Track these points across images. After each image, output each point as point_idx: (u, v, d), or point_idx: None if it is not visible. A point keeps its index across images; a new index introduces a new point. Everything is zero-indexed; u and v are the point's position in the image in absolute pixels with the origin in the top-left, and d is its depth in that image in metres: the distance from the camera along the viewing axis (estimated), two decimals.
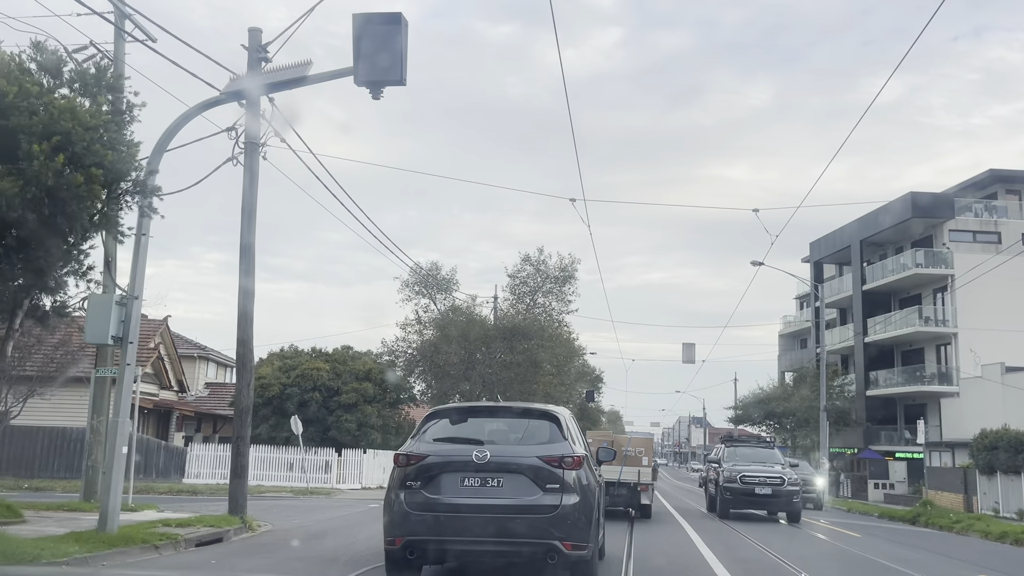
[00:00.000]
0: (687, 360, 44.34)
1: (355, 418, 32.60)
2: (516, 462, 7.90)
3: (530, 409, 8.89)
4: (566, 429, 8.46)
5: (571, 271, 37.80)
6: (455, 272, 38.97)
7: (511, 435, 8.45)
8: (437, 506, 7.74)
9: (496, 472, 7.81)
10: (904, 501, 38.37)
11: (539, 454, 7.94)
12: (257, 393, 32.61)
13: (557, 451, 7.99)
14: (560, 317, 38.51)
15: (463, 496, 7.76)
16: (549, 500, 7.72)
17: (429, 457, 7.97)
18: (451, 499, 7.75)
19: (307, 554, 11.38)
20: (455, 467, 7.90)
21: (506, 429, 8.57)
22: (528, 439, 8.28)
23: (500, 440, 8.32)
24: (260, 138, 15.02)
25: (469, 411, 9.11)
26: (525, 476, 7.81)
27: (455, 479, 7.85)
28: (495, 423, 8.70)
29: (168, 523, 13.04)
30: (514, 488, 7.77)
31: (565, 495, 7.75)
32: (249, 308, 14.82)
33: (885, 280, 47.72)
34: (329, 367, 33.61)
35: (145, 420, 33.35)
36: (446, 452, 8.05)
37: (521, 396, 40.63)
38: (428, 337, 38.85)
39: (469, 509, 7.70)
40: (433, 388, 38.56)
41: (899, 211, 46.02)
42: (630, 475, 19.50)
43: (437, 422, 8.63)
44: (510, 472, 7.83)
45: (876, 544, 17.27)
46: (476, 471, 7.81)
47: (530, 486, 7.78)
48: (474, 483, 7.80)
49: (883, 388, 47.93)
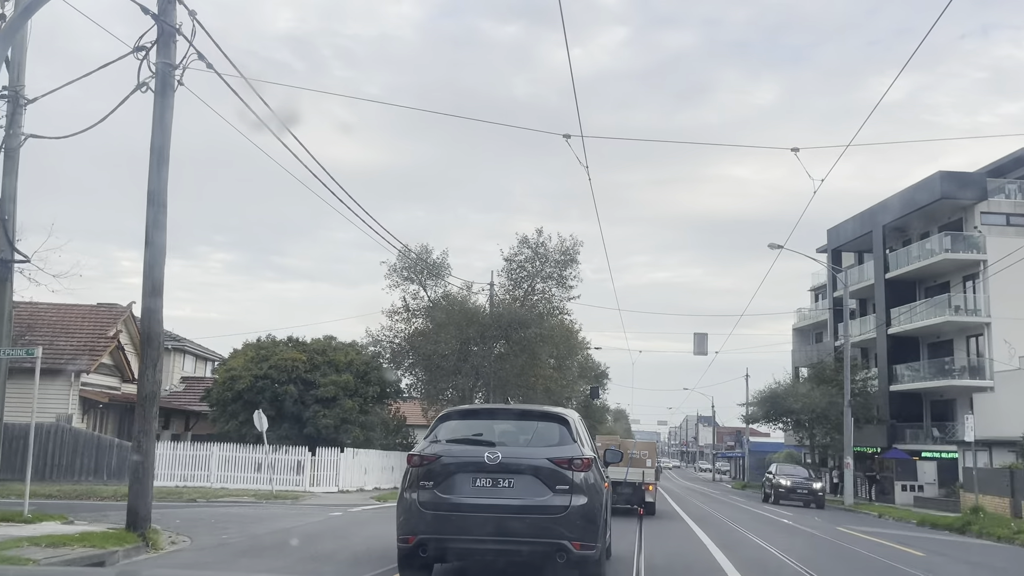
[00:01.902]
0: (699, 352, 41.17)
1: (334, 413, 29.57)
2: (526, 463, 8.02)
3: (540, 411, 9.03)
4: (575, 431, 8.51)
5: (573, 254, 34.71)
6: (446, 255, 35.99)
7: (521, 437, 8.54)
8: (449, 506, 7.86)
9: (507, 473, 7.94)
10: (936, 505, 35.19)
11: (549, 456, 8.05)
12: (226, 386, 29.69)
13: (566, 453, 8.10)
14: (561, 304, 35.41)
15: (475, 496, 7.89)
16: (558, 501, 7.84)
17: (442, 458, 8.09)
18: (463, 499, 7.88)
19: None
20: (467, 468, 8.01)
21: (516, 431, 8.67)
22: (538, 441, 8.36)
23: (511, 441, 8.39)
24: (178, 62, 12.06)
25: (480, 413, 9.25)
26: (535, 477, 7.94)
27: (467, 479, 7.98)
28: (505, 425, 8.84)
29: (38, 541, 10.03)
30: (524, 489, 7.90)
31: (574, 496, 7.87)
32: (158, 268, 11.84)
33: (910, 267, 44.55)
34: (306, 358, 30.57)
35: (102, 416, 30.44)
36: (458, 453, 8.16)
37: (518, 391, 37.63)
38: (417, 326, 35.88)
39: (480, 509, 7.82)
40: (422, 381, 35.63)
41: (927, 192, 42.81)
42: (635, 475, 21.21)
43: (449, 423, 8.68)
44: (520, 473, 7.96)
45: (959, 571, 14.16)
46: (487, 472, 7.94)
47: (540, 487, 7.90)
48: (485, 483, 7.94)
49: (908, 383, 44.76)
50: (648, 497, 21.35)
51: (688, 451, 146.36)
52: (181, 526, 14.16)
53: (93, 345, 29.42)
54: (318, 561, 10.41)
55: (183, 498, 22.10)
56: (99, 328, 30.45)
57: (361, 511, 19.64)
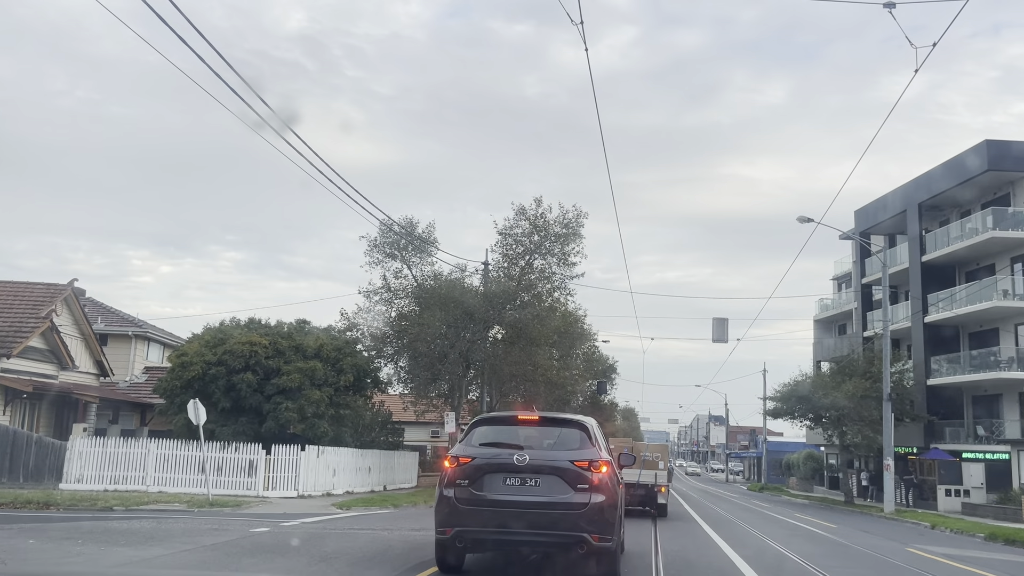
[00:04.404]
0: (718, 339, 36.94)
1: (298, 406, 25.56)
2: (551, 465, 8.69)
3: (563, 418, 9.81)
4: (594, 437, 9.22)
5: (576, 227, 30.50)
6: (433, 228, 31.84)
7: (545, 441, 9.22)
8: (483, 502, 8.57)
9: (534, 473, 8.62)
10: (990, 513, 31.00)
11: (571, 458, 8.73)
12: (175, 374, 25.78)
13: (586, 456, 8.79)
14: (562, 283, 31.26)
15: (505, 493, 8.58)
16: (579, 498, 8.49)
17: (476, 459, 8.80)
18: (495, 496, 8.58)
19: None
20: (498, 468, 8.71)
21: (541, 436, 9.33)
22: (560, 445, 9.04)
23: (536, 445, 9.06)
24: None
25: (509, 419, 9.92)
26: (559, 477, 8.62)
27: (498, 479, 8.67)
28: (531, 430, 9.40)
29: None
30: (549, 487, 8.57)
31: (593, 494, 8.52)
32: None
33: (950, 248, 40.31)
34: (268, 342, 26.58)
35: (30, 408, 26.51)
36: (490, 455, 8.84)
37: (516, 382, 33.60)
38: (402, 309, 31.86)
39: (510, 505, 8.51)
40: (405, 369, 31.59)
41: (971, 164, 38.48)
42: (648, 477, 21.48)
43: (482, 428, 9.52)
44: (546, 473, 8.64)
45: None
46: (517, 472, 8.63)
47: (563, 486, 8.58)
48: (515, 482, 8.63)
49: (946, 376, 40.49)
50: (660, 499, 21.72)
51: (699, 451, 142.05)
52: (30, 549, 10.35)
53: (20, 326, 25.50)
54: None
55: (96, 506, 18.14)
56: (31, 307, 26.53)
57: (302, 524, 15.57)
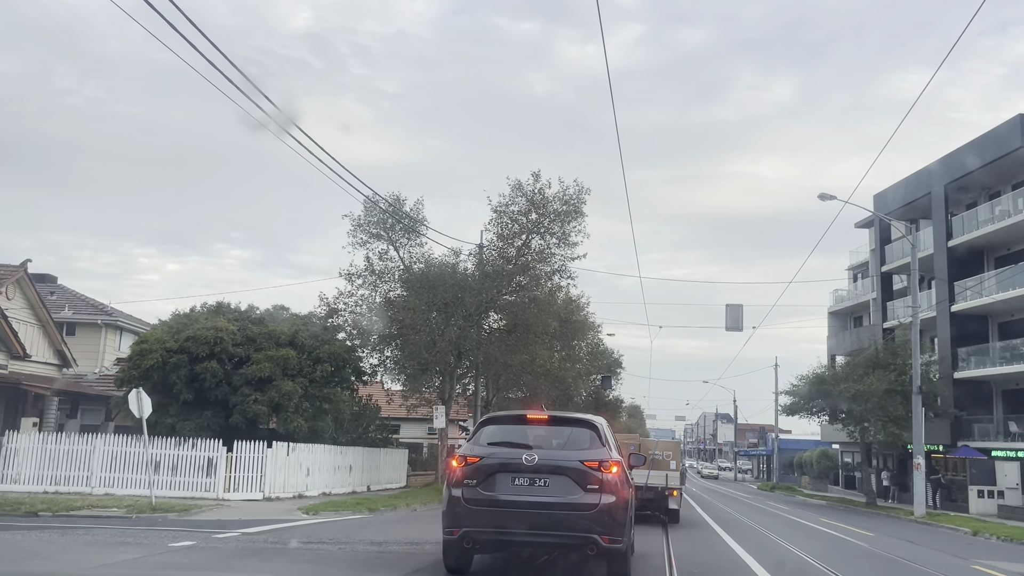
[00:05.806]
0: (732, 327, 34.35)
1: (268, 398, 23.06)
2: (561, 465, 8.47)
3: (573, 418, 9.54)
4: (604, 437, 8.98)
5: (577, 204, 27.87)
6: (421, 205, 29.19)
7: (555, 440, 9.02)
8: (491, 502, 8.34)
9: (543, 473, 8.39)
10: None
11: (581, 458, 8.51)
12: (132, 363, 23.28)
13: (596, 456, 8.56)
14: (563, 265, 28.64)
15: (514, 494, 8.34)
16: (589, 499, 8.26)
17: (484, 459, 8.57)
18: (504, 496, 8.34)
19: None
20: (507, 468, 8.46)
21: (550, 435, 9.12)
22: (570, 445, 8.83)
23: (546, 445, 8.88)
24: None
25: (518, 418, 9.62)
26: (568, 477, 8.36)
27: (507, 478, 8.42)
28: (541, 430, 9.18)
29: None
30: (559, 488, 8.32)
31: (603, 495, 8.29)
32: None
33: (979, 232, 37.70)
34: (237, 328, 24.08)
35: None
36: (499, 454, 8.62)
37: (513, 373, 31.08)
38: (388, 294, 29.35)
39: (519, 505, 8.27)
40: (392, 360, 29.09)
41: (1004, 140, 35.84)
42: (657, 479, 19.28)
43: (490, 427, 9.27)
44: (555, 473, 8.39)
45: None
46: (526, 472, 8.40)
47: (572, 486, 8.32)
48: (524, 482, 8.38)
49: (974, 369, 37.87)
50: (672, 504, 19.51)
51: (706, 448, 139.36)
52: None
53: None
54: None
55: (20, 511, 15.67)
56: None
57: (242, 536, 13.01)
